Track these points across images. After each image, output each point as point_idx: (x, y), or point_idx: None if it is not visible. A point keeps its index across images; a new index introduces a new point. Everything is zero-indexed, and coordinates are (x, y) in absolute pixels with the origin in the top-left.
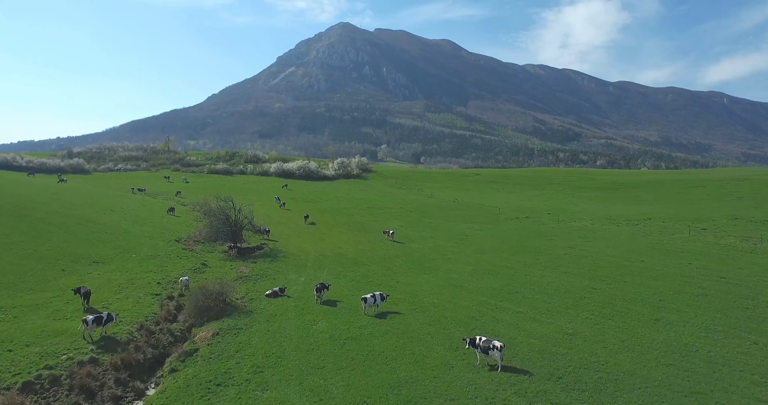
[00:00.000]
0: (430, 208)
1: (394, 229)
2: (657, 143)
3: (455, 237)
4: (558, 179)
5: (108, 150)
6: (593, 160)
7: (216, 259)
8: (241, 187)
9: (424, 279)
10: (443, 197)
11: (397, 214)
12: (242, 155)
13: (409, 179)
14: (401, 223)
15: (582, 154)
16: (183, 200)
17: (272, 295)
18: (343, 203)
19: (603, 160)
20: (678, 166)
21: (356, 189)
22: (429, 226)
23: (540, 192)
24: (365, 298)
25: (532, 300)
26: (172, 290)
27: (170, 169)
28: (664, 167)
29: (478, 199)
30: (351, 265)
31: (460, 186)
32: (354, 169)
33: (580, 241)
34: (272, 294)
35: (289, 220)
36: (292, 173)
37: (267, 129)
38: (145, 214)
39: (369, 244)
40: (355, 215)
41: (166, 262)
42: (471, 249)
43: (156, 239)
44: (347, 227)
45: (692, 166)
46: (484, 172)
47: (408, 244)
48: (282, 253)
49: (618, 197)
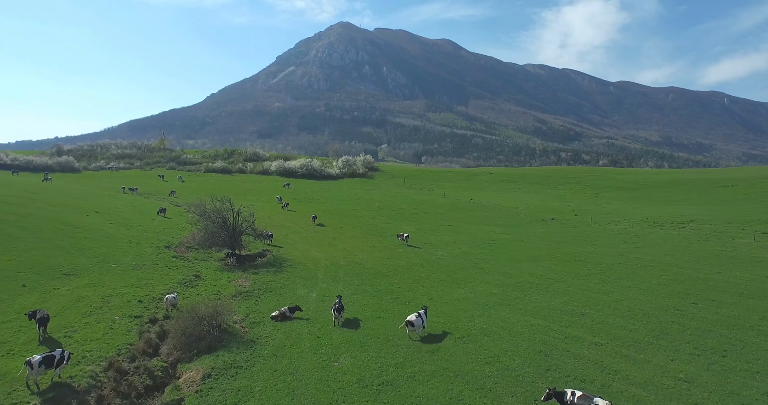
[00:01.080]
0: (446, 209)
1: (409, 233)
2: (658, 143)
3: (481, 242)
4: (575, 178)
5: (100, 148)
6: (595, 159)
7: (211, 269)
8: (240, 187)
9: (461, 295)
10: (457, 197)
11: (410, 216)
12: (241, 153)
13: (418, 178)
14: (417, 225)
15: (584, 154)
16: (177, 200)
17: (279, 318)
18: (351, 204)
19: (605, 160)
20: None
21: (363, 188)
22: (449, 229)
23: (559, 191)
24: (411, 322)
25: (606, 325)
26: (156, 310)
27: (165, 168)
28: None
29: (495, 199)
30: (370, 276)
31: (474, 185)
32: (360, 167)
33: (628, 248)
34: (279, 315)
35: (293, 222)
36: (294, 172)
37: (266, 129)
38: (134, 216)
39: (386, 251)
40: (366, 217)
41: (151, 273)
42: (504, 256)
43: (142, 245)
44: (359, 230)
45: (695, 166)
46: (496, 171)
47: (430, 251)
48: (288, 261)
49: (645, 197)
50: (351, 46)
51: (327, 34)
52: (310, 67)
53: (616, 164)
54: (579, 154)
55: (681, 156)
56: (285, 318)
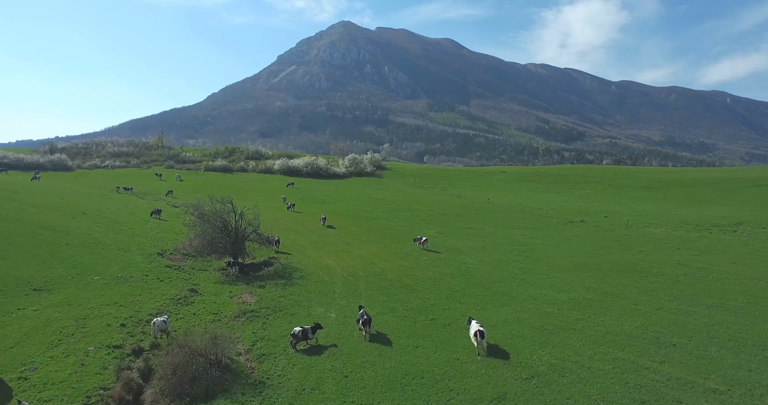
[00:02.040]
0: (464, 210)
1: (429, 236)
2: (660, 143)
3: (512, 247)
4: (595, 177)
5: (96, 145)
6: (599, 159)
7: (210, 281)
8: (242, 186)
9: (509, 315)
10: (473, 197)
11: (428, 218)
12: (243, 151)
13: (429, 177)
14: (437, 228)
15: (588, 154)
16: (174, 201)
17: (300, 337)
18: (362, 204)
19: (609, 160)
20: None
21: (372, 188)
22: (472, 232)
23: (580, 191)
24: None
25: (712, 362)
26: (142, 337)
27: (163, 166)
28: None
29: (513, 199)
30: (396, 290)
31: (488, 185)
32: (367, 166)
33: (685, 255)
34: (301, 334)
35: (301, 225)
36: (298, 171)
37: (267, 128)
38: (125, 219)
39: (409, 259)
40: (380, 219)
41: (140, 287)
42: (544, 265)
43: (132, 252)
44: (374, 234)
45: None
46: (510, 170)
47: (457, 258)
48: (298, 272)
49: (673, 197)
50: (352, 45)
51: (328, 34)
52: (312, 66)
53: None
54: (582, 154)
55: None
56: (306, 338)
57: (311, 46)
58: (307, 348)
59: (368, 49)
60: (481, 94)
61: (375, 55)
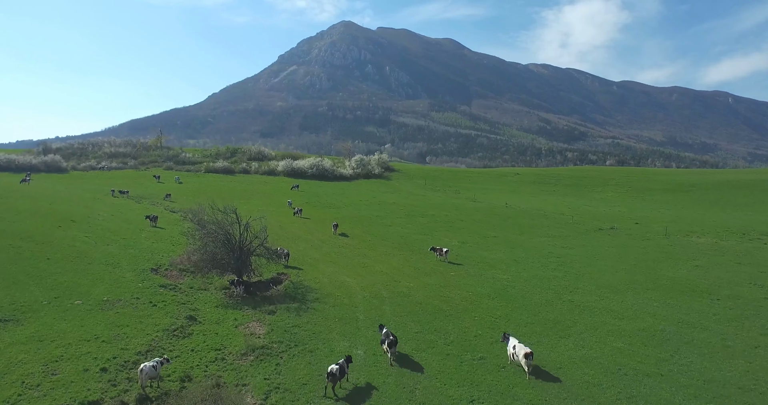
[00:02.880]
0: (483, 216)
1: (451, 246)
2: (662, 143)
3: (547, 260)
4: (612, 179)
5: (92, 146)
6: (602, 159)
7: (211, 304)
8: (244, 189)
9: (572, 351)
10: (490, 201)
11: (445, 224)
12: (245, 152)
13: (440, 179)
14: (459, 237)
15: (591, 154)
16: (172, 205)
17: (334, 382)
18: (373, 209)
19: (612, 160)
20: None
21: (381, 191)
22: (497, 242)
23: (600, 194)
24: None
25: None
26: (127, 387)
27: (162, 168)
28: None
29: (532, 203)
30: (428, 316)
31: (503, 187)
32: (375, 167)
33: (751, 272)
34: (338, 371)
35: (310, 233)
36: (303, 172)
37: (268, 128)
38: (118, 227)
39: (436, 275)
40: (394, 225)
41: (128, 315)
42: (589, 283)
43: (122, 268)
44: (391, 243)
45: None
46: (524, 172)
47: (488, 273)
48: (313, 292)
49: (701, 201)
50: (353, 45)
51: (329, 33)
52: (313, 66)
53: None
54: (586, 154)
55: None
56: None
57: (312, 46)
58: (343, 395)
59: (369, 48)
60: (482, 94)
61: (376, 55)
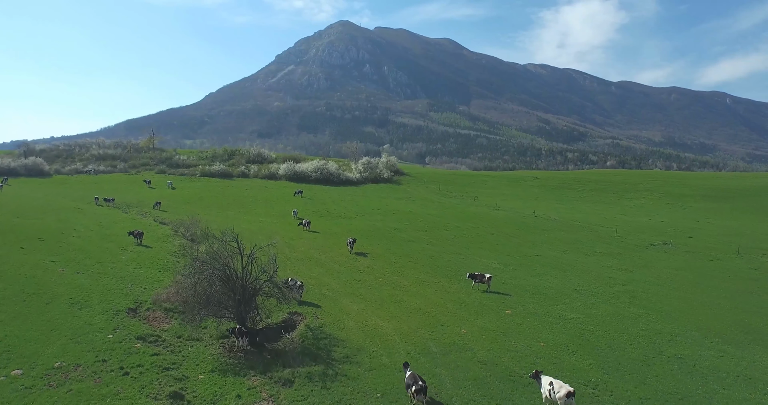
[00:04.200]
0: (514, 228)
1: (491, 269)
2: (661, 143)
3: (611, 289)
4: (641, 184)
5: (79, 147)
6: (603, 160)
7: (205, 367)
8: (243, 195)
9: None
10: (514, 209)
11: (476, 239)
12: (243, 154)
13: (454, 184)
14: (496, 256)
15: (591, 155)
16: (162, 215)
17: None
18: (389, 220)
19: (613, 161)
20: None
21: (393, 197)
22: (543, 262)
23: (632, 201)
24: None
25: None
26: None
27: (154, 171)
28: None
29: (562, 213)
30: (503, 386)
31: (524, 193)
32: (384, 171)
33: None
34: None
35: (322, 252)
36: (306, 176)
37: (266, 128)
38: (95, 247)
39: (489, 315)
40: (418, 241)
41: (84, 395)
42: (686, 327)
43: (91, 309)
44: (421, 267)
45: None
46: (543, 175)
47: (553, 310)
48: (339, 345)
49: (748, 210)
50: (351, 44)
51: (327, 33)
52: (311, 65)
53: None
54: (586, 155)
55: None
56: None
57: (310, 46)
58: None
59: (367, 48)
60: (481, 94)
61: (374, 54)
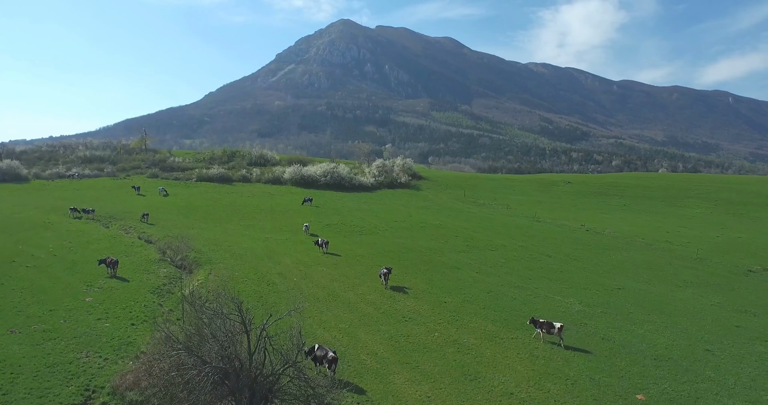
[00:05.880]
0: (568, 246)
1: (573, 310)
2: (663, 143)
3: (750, 347)
4: (691, 190)
5: (64, 148)
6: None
7: None
8: (244, 204)
9: None
10: (558, 221)
11: (530, 262)
12: (244, 156)
13: (479, 189)
14: (568, 289)
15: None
16: (150, 230)
17: None
18: (419, 236)
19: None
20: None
21: (415, 205)
22: (632, 299)
23: (689, 211)
24: None
25: None
26: None
27: (145, 176)
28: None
29: (614, 225)
30: None
31: (558, 200)
32: (400, 175)
33: None
34: None
35: (350, 286)
36: (315, 181)
37: (266, 128)
38: (50, 284)
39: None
40: (462, 267)
41: None
42: None
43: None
44: (481, 310)
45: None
46: (575, 180)
47: (707, 397)
48: None
49: None
50: (352, 43)
51: (328, 32)
52: (311, 64)
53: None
54: (591, 154)
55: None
56: None
57: (310, 45)
58: None
59: (368, 47)
60: (483, 93)
61: (375, 53)
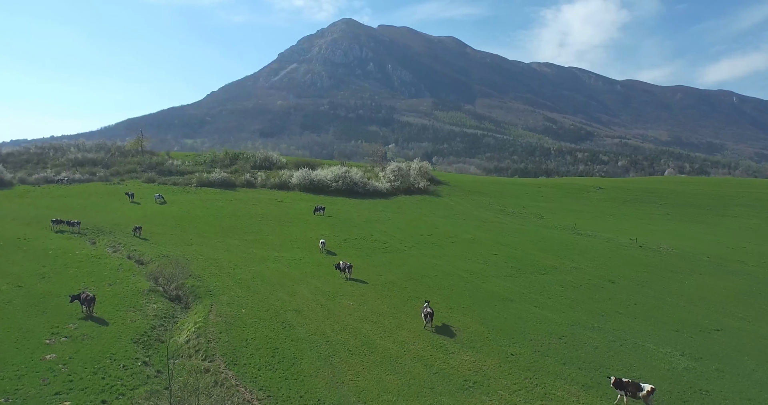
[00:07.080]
0: (627, 268)
1: (672, 370)
2: (667, 142)
3: None
4: (735, 197)
5: (54, 150)
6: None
7: None
8: (249, 213)
9: None
10: (600, 233)
11: (593, 291)
12: (248, 159)
13: (504, 196)
14: (653, 331)
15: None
16: (142, 248)
17: None
18: (454, 255)
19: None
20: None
21: (438, 215)
22: (737, 347)
23: (744, 221)
24: None
25: None
26: None
27: (141, 180)
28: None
29: (668, 239)
30: None
31: (593, 208)
32: (418, 179)
33: None
34: None
35: (384, 328)
36: (325, 186)
37: (268, 127)
38: (5, 327)
39: None
40: (517, 300)
41: None
42: None
43: None
44: (557, 363)
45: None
46: (607, 185)
47: None
48: None
49: None
50: (354, 43)
51: (330, 31)
52: (313, 64)
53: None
54: (596, 155)
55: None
56: None
57: (313, 44)
58: None
59: (371, 46)
60: (486, 92)
61: (378, 53)
